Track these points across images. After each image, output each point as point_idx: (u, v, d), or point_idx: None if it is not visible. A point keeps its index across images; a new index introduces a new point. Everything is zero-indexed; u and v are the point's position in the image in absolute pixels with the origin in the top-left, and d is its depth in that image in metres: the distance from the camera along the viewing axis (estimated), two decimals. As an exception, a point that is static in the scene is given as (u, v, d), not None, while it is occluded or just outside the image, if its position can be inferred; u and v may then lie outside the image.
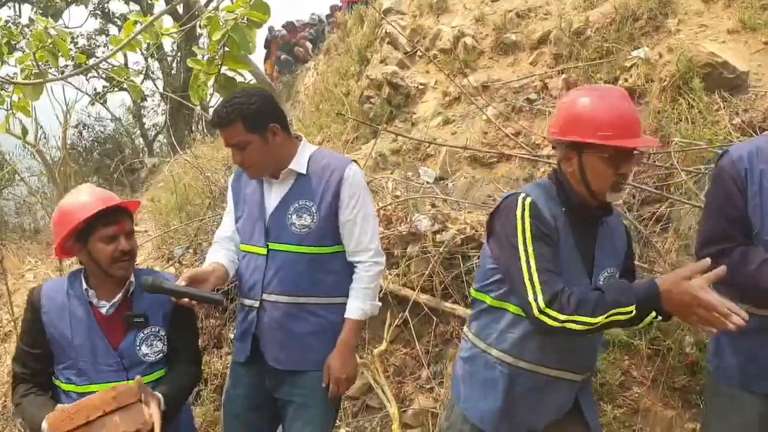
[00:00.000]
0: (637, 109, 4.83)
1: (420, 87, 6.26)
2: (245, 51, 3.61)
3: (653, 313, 1.98)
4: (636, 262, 3.96)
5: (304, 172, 2.68)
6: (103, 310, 2.49)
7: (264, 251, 2.67)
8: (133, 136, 18.27)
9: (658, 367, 3.72)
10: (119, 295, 2.50)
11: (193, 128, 15.22)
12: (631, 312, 1.95)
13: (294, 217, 2.64)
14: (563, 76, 5.48)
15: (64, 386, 2.50)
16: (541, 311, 2.02)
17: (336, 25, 10.00)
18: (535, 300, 2.03)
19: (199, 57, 3.87)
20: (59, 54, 4.05)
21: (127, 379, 2.46)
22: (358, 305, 2.67)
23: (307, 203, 2.64)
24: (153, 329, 2.53)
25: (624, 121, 2.12)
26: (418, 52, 6.56)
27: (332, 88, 7.44)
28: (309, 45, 13.67)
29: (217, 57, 3.69)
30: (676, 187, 4.14)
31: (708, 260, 1.94)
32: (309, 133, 7.07)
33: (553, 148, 2.33)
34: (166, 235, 5.96)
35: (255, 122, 2.58)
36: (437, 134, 5.57)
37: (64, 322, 2.48)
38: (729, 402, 2.40)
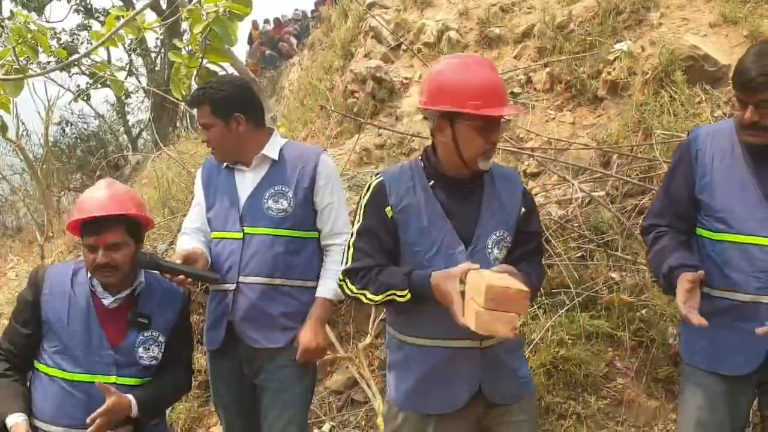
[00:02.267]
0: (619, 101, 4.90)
1: (404, 81, 6.25)
2: (227, 44, 3.61)
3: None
4: (619, 254, 4.01)
5: (276, 158, 2.80)
6: (106, 302, 2.51)
7: (240, 236, 2.77)
8: (117, 133, 18.17)
9: (641, 359, 3.75)
10: (126, 292, 2.52)
11: (177, 124, 15.14)
12: (406, 296, 2.14)
13: (270, 201, 2.76)
14: (547, 69, 5.48)
15: (50, 371, 2.49)
16: (340, 279, 2.29)
17: (320, 20, 9.97)
18: (342, 269, 2.28)
19: (181, 50, 3.86)
20: (40, 49, 4.01)
21: (117, 376, 2.49)
22: (331, 285, 2.77)
23: (283, 188, 2.77)
24: (154, 334, 2.55)
25: (493, 90, 2.18)
26: (402, 46, 6.55)
27: (316, 83, 7.43)
28: (294, 40, 13.66)
29: (198, 50, 3.68)
30: (659, 179, 4.15)
31: (470, 266, 2.09)
32: (293, 129, 7.05)
33: (425, 118, 2.37)
34: (150, 231, 5.91)
35: (220, 108, 2.75)
36: (421, 128, 5.56)
37: (62, 305, 2.49)
38: (696, 382, 2.45)
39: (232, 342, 2.78)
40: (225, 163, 2.87)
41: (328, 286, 2.80)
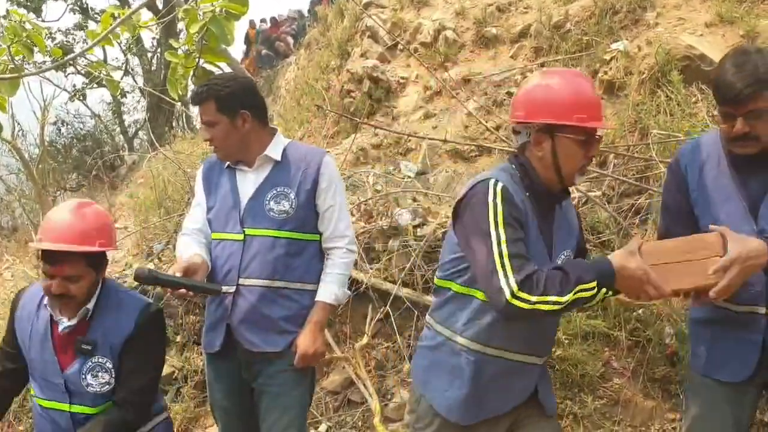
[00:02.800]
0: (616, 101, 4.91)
1: (401, 81, 6.25)
2: (224, 43, 3.58)
3: (604, 290, 2.02)
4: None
5: (279, 159, 2.75)
6: (60, 328, 2.43)
7: (240, 237, 2.72)
8: (113, 133, 18.15)
9: (638, 359, 3.75)
10: (75, 318, 2.43)
11: (174, 124, 15.12)
12: (594, 288, 1.99)
13: (272, 203, 2.71)
14: (544, 69, 5.48)
15: (32, 391, 2.53)
16: (513, 295, 1.99)
17: (316, 20, 9.97)
18: (508, 285, 2.00)
19: (177, 50, 3.84)
20: (35, 49, 4.00)
21: (70, 404, 2.44)
22: (332, 289, 2.75)
23: (285, 190, 2.72)
24: (100, 360, 2.44)
25: (595, 103, 2.16)
26: (399, 46, 6.54)
27: (313, 82, 7.42)
28: (290, 40, 13.64)
29: (194, 50, 3.67)
30: (655, 178, 4.16)
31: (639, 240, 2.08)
32: (290, 128, 7.04)
33: (515, 132, 2.30)
34: (146, 231, 5.92)
35: (226, 105, 2.69)
36: (418, 128, 5.56)
37: (27, 330, 2.47)
38: (700, 386, 2.44)
39: (230, 345, 2.74)
40: (227, 163, 2.82)
41: (328, 290, 2.76)
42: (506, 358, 2.24)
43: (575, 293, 1.98)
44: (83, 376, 2.42)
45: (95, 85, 14.36)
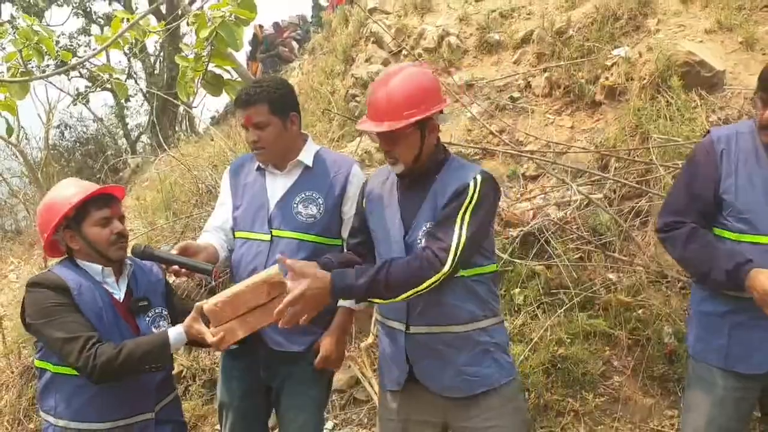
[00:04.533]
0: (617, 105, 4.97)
1: (405, 85, 6.32)
2: (233, 48, 3.66)
3: None
4: (617, 255, 4.09)
5: (311, 164, 2.81)
6: (117, 296, 2.53)
7: (268, 237, 2.78)
8: (116, 137, 18.21)
9: (637, 357, 3.83)
10: (124, 281, 2.56)
11: (177, 128, 15.20)
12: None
13: (300, 206, 2.77)
14: (546, 74, 5.57)
15: (61, 370, 2.45)
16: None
17: (320, 25, 10.05)
18: None
19: (186, 54, 3.92)
20: (45, 52, 4.07)
21: None
22: None
23: (314, 194, 2.78)
24: (156, 310, 2.60)
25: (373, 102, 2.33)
26: (403, 51, 6.62)
27: (318, 87, 7.49)
28: (295, 45, 13.72)
29: (204, 54, 3.75)
30: (655, 182, 4.24)
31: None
32: (295, 132, 7.10)
33: None
34: (153, 233, 5.98)
35: (279, 107, 2.74)
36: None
37: (95, 305, 2.46)
38: (704, 379, 2.50)
39: (251, 343, 2.74)
40: (257, 164, 2.88)
41: None
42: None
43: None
44: (152, 331, 2.55)
45: (99, 89, 14.46)
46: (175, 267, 2.57)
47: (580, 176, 4.65)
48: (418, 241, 2.33)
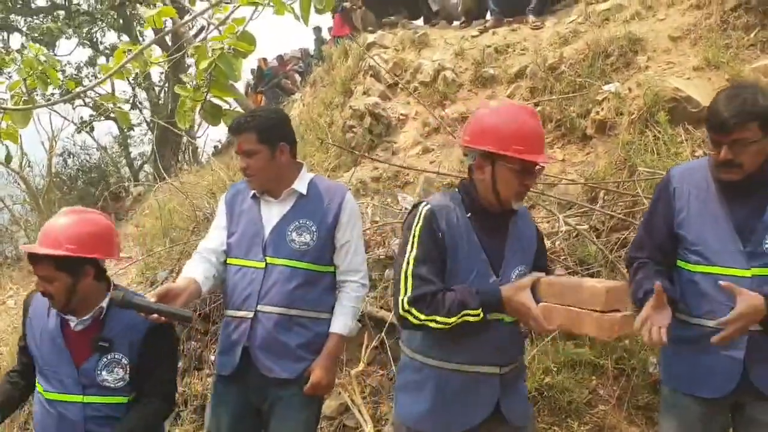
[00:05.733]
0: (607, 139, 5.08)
1: (401, 117, 6.45)
2: (231, 79, 3.76)
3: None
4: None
5: (305, 192, 2.86)
6: (72, 325, 2.59)
7: (262, 265, 2.81)
8: (119, 165, 18.38)
9: (623, 386, 3.87)
10: (88, 317, 2.59)
11: (180, 158, 15.35)
12: (479, 315, 2.25)
13: (294, 234, 2.81)
14: (538, 108, 5.68)
15: (38, 387, 2.66)
16: (405, 310, 2.29)
17: (321, 58, 10.23)
18: (402, 299, 2.29)
19: (187, 84, 4.03)
20: (49, 81, 4.19)
21: (83, 395, 2.58)
22: (345, 321, 2.86)
23: (307, 222, 2.83)
24: (116, 356, 2.59)
25: (534, 137, 2.33)
26: (400, 85, 6.76)
27: (317, 118, 7.62)
28: (297, 77, 13.93)
29: (203, 84, 3.85)
30: (641, 214, 4.31)
31: (538, 275, 2.33)
32: (293, 162, 7.22)
33: (465, 155, 2.51)
34: (150, 260, 6.06)
35: (267, 136, 2.80)
36: (416, 162, 5.75)
37: (38, 328, 2.63)
38: (675, 404, 2.58)
39: (243, 368, 2.82)
40: (252, 192, 2.92)
41: (342, 322, 2.85)
42: (463, 370, 2.39)
43: (461, 317, 2.25)
44: (98, 372, 2.57)
45: (102, 118, 14.64)
46: (154, 315, 2.53)
47: (570, 208, 4.73)
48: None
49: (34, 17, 14.67)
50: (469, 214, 2.39)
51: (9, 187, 16.30)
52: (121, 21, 15.77)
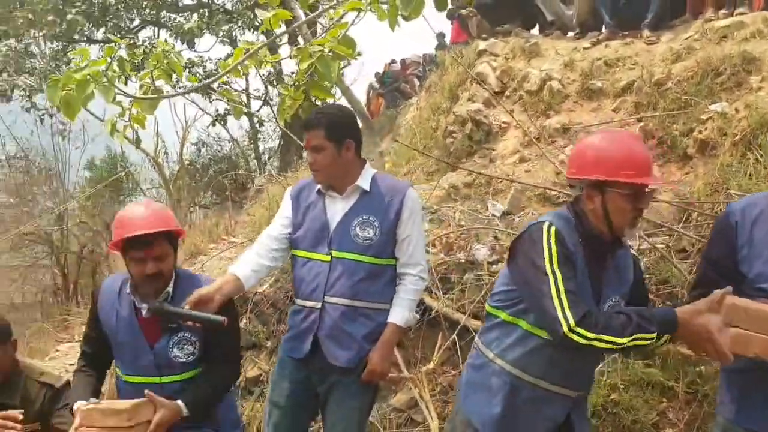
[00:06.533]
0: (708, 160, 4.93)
1: (503, 125, 6.49)
2: (327, 80, 3.99)
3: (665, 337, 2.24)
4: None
5: (368, 189, 3.02)
6: (144, 313, 2.82)
7: (328, 258, 2.99)
8: (248, 158, 19.31)
9: (693, 412, 3.77)
10: (158, 301, 2.80)
11: (302, 155, 15.93)
12: (653, 338, 2.19)
13: (358, 229, 2.97)
14: (641, 123, 5.58)
15: (118, 372, 2.91)
16: (571, 329, 2.19)
17: (436, 65, 10.39)
18: (565, 318, 2.20)
19: (289, 84, 4.30)
20: (174, 73, 4.58)
21: (160, 376, 2.80)
22: (403, 313, 3.01)
23: (370, 218, 2.98)
24: (185, 335, 2.81)
25: (642, 160, 2.31)
26: (506, 93, 6.80)
27: (425, 122, 7.78)
28: (416, 81, 14.14)
29: (303, 84, 4.11)
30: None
31: (728, 288, 2.19)
32: (397, 164, 7.43)
33: (570, 186, 2.52)
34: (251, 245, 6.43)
35: (335, 132, 2.97)
36: (512, 171, 5.78)
37: (112, 319, 2.84)
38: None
39: (310, 353, 3.03)
40: (317, 187, 3.07)
41: (399, 314, 3.00)
42: (541, 386, 2.44)
43: (633, 339, 2.17)
44: (170, 350, 2.80)
45: (230, 113, 15.41)
46: (189, 322, 2.77)
47: (661, 227, 4.64)
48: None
49: (179, 14, 15.64)
50: (580, 240, 2.39)
51: (149, 172, 17.54)
52: (257, 21, 16.52)
